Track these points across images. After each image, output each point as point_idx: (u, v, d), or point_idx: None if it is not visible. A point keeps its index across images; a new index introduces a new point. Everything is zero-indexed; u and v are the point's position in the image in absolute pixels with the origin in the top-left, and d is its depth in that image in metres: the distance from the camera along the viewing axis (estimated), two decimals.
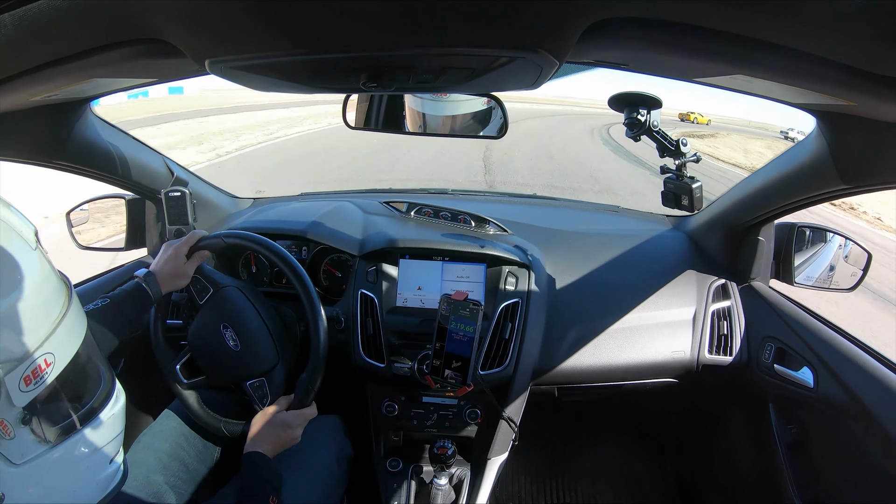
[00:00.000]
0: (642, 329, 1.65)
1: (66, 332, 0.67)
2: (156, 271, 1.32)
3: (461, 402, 1.64)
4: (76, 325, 0.70)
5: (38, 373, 0.62)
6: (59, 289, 0.69)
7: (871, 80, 0.68)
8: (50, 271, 0.67)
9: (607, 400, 1.89)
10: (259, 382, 1.36)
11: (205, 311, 1.39)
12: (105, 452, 0.77)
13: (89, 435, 0.73)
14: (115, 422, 0.79)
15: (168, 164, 1.77)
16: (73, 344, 0.69)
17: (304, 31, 0.67)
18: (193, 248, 1.39)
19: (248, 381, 1.36)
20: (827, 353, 1.40)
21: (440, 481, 1.59)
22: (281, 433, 1.27)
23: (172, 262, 1.34)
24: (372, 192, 2.32)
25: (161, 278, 1.32)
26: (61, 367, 0.66)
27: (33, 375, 0.62)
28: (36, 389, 0.63)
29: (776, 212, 1.55)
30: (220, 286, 1.41)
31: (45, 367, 0.63)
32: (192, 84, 41.51)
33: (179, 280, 1.36)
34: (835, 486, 1.40)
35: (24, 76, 0.84)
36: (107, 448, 0.77)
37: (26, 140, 1.28)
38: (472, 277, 1.69)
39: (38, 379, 0.63)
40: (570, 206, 2.27)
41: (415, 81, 0.91)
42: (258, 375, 1.37)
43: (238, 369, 1.36)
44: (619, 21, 0.66)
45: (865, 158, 1.08)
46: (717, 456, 1.90)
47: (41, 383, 0.63)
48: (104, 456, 0.77)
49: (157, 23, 0.70)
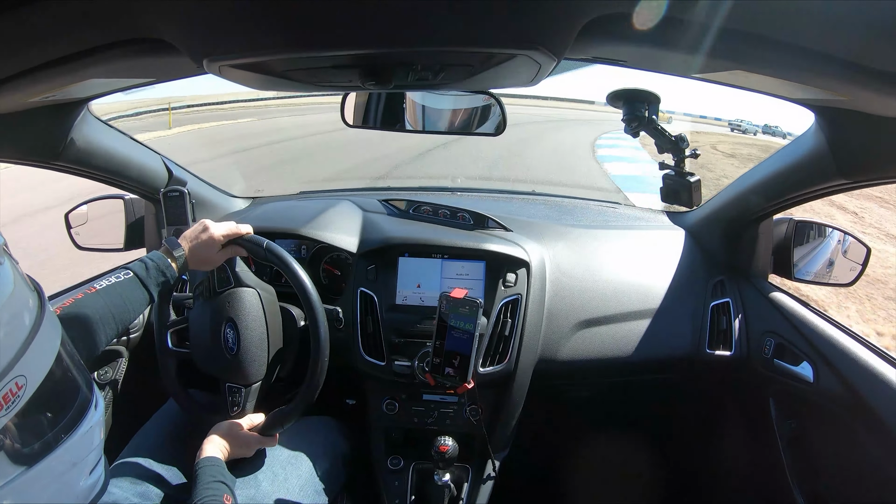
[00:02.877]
0: (642, 325, 1.66)
1: (38, 349, 0.63)
2: (188, 250, 1.26)
3: (462, 399, 1.64)
4: (49, 340, 0.66)
5: (9, 397, 0.59)
6: (30, 300, 0.65)
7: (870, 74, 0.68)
8: (21, 283, 0.64)
9: (608, 396, 1.90)
10: (238, 389, 1.35)
11: (217, 302, 1.36)
12: (85, 464, 0.74)
13: (67, 450, 0.69)
14: (95, 432, 0.75)
15: (167, 163, 1.77)
16: (46, 361, 0.65)
17: (303, 28, 0.67)
18: (233, 241, 1.32)
19: (227, 382, 1.36)
20: (826, 347, 1.40)
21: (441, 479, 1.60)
22: (235, 448, 1.27)
23: (206, 248, 1.27)
24: (371, 190, 2.32)
25: (191, 258, 1.26)
26: (34, 388, 0.62)
27: (4, 401, 0.58)
28: (8, 415, 0.59)
29: (775, 207, 1.55)
30: (243, 284, 1.38)
31: (17, 391, 0.59)
32: None
33: (206, 266, 1.32)
34: (834, 480, 1.40)
35: (21, 77, 0.84)
36: (87, 459, 0.75)
37: (24, 141, 1.28)
38: (472, 275, 1.69)
39: (10, 404, 0.59)
40: (569, 202, 2.27)
41: (414, 79, 0.91)
42: (241, 384, 1.36)
43: (225, 369, 1.36)
44: (618, 17, 0.66)
45: (864, 153, 1.08)
46: (717, 450, 1.91)
47: (13, 408, 0.59)
48: (83, 468, 0.74)
49: (155, 22, 0.70)
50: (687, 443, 2.06)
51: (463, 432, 1.65)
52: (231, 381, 1.36)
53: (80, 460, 0.72)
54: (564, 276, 1.72)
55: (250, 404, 1.37)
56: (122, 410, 1.65)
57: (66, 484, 0.71)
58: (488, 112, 1.62)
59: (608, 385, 1.78)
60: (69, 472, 0.71)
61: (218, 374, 1.37)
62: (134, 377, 1.73)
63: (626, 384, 1.77)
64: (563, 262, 1.75)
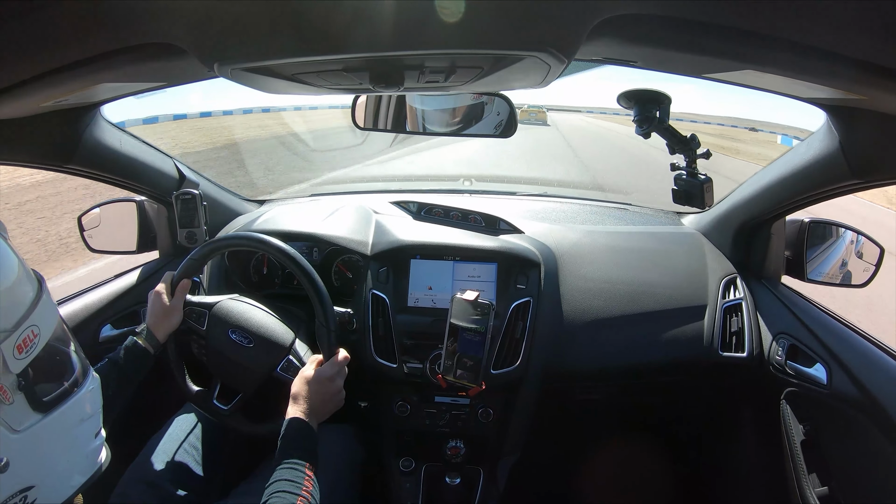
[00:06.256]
0: (655, 326, 1.65)
1: (44, 309, 0.75)
2: (149, 323, 1.38)
3: (473, 401, 1.64)
4: (51, 308, 0.78)
5: (28, 341, 0.71)
6: (31, 275, 0.77)
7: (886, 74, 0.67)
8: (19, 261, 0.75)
9: (620, 398, 1.89)
10: (286, 363, 1.37)
11: (211, 333, 1.41)
12: (90, 424, 0.86)
13: (75, 405, 0.81)
14: (95, 396, 0.87)
15: (178, 166, 1.78)
16: (52, 318, 0.78)
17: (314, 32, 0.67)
18: (173, 286, 1.42)
19: (276, 367, 1.37)
20: (840, 349, 1.39)
21: (452, 481, 1.59)
22: (320, 388, 1.25)
23: (159, 305, 1.39)
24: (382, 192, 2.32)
25: (155, 326, 1.37)
26: (46, 340, 0.75)
27: (24, 344, 0.71)
28: (28, 357, 0.71)
29: (788, 208, 1.54)
30: (213, 305, 1.44)
31: (34, 338, 0.72)
32: None
33: (172, 317, 1.40)
34: (850, 483, 1.39)
35: (35, 81, 0.85)
36: (92, 420, 0.86)
37: (38, 145, 1.29)
38: (484, 277, 1.69)
39: (29, 347, 0.72)
40: (581, 204, 2.26)
41: (424, 81, 0.91)
42: (282, 356, 1.38)
43: (262, 363, 1.37)
44: (628, 18, 0.65)
45: (877, 152, 1.07)
46: (730, 453, 1.89)
47: (32, 351, 0.72)
48: (90, 427, 0.86)
49: (167, 27, 0.71)
50: (700, 446, 2.05)
51: (474, 434, 1.65)
52: (275, 364, 1.38)
53: (87, 417, 0.84)
54: (576, 278, 1.71)
55: (307, 355, 1.40)
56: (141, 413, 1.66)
57: (76, 439, 0.83)
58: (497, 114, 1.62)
59: (620, 387, 1.77)
60: (78, 427, 0.83)
61: (265, 372, 1.38)
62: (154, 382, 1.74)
63: (639, 386, 1.76)
64: (575, 264, 1.74)
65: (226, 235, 1.41)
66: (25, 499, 0.72)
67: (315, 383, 1.25)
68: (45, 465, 0.76)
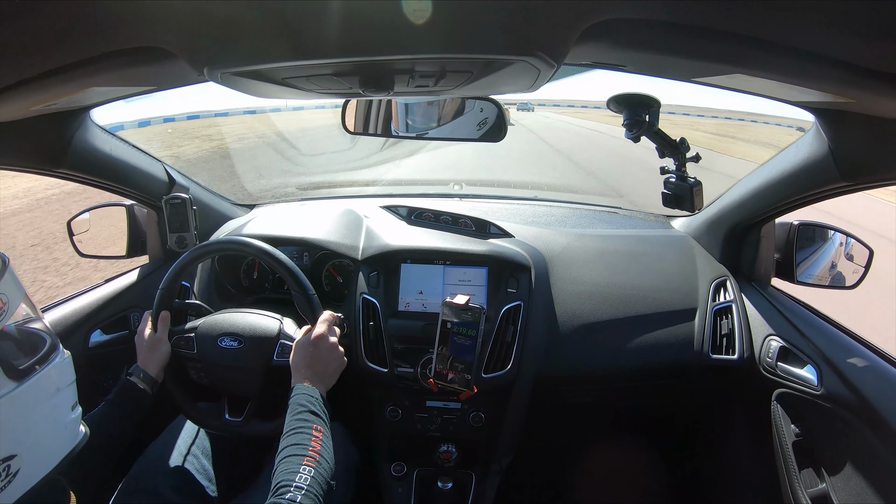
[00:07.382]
0: (646, 330, 1.65)
1: (10, 280, 0.79)
2: (140, 362, 1.37)
3: (465, 406, 1.64)
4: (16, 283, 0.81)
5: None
6: None
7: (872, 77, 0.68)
8: None
9: (611, 401, 1.89)
10: (280, 348, 1.37)
11: (202, 351, 1.40)
12: (66, 394, 0.88)
13: (49, 375, 0.83)
14: (67, 367, 0.89)
15: (168, 170, 1.77)
16: (18, 292, 0.81)
17: (304, 37, 0.67)
18: (154, 320, 1.42)
19: (273, 356, 1.37)
20: (831, 350, 1.40)
21: (444, 486, 1.59)
22: (315, 350, 1.25)
23: (145, 342, 1.38)
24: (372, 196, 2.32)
25: (146, 363, 1.36)
26: (14, 308, 0.79)
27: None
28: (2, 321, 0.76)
29: (777, 210, 1.55)
30: (196, 328, 1.43)
31: (2, 306, 0.76)
32: None
33: (159, 349, 1.39)
34: (841, 484, 1.39)
35: (23, 85, 0.84)
36: (67, 390, 0.88)
37: (27, 149, 1.28)
38: (474, 281, 1.69)
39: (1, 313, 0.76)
40: (571, 207, 2.27)
41: (413, 85, 0.91)
42: (274, 343, 1.38)
43: (257, 357, 1.37)
44: (617, 22, 0.66)
45: (866, 155, 1.08)
46: (722, 455, 1.90)
47: (4, 318, 0.76)
48: (66, 398, 0.88)
49: (157, 31, 0.70)
50: (692, 448, 2.06)
51: (466, 438, 1.65)
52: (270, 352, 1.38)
53: (62, 387, 0.86)
54: (567, 282, 1.72)
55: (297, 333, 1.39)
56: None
57: (54, 408, 0.84)
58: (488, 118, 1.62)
59: (612, 390, 1.77)
60: (54, 397, 0.84)
61: (266, 366, 1.38)
62: None
63: (630, 389, 1.77)
64: (565, 268, 1.75)
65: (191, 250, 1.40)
66: (8, 469, 0.74)
67: (309, 346, 1.26)
68: (27, 435, 0.78)
